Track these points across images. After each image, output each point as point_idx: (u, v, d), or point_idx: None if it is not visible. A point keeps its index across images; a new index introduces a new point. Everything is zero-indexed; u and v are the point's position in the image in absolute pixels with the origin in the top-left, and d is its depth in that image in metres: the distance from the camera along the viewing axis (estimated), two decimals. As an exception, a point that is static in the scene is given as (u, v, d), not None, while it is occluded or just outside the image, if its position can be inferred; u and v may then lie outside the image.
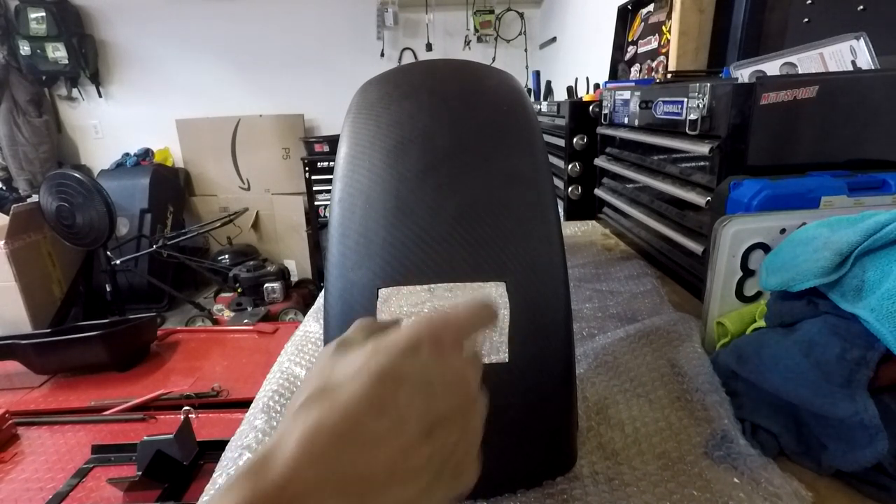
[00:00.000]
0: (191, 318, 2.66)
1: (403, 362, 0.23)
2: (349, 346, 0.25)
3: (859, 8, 1.05)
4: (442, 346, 0.24)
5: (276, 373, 0.62)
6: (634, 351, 0.59)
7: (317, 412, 0.21)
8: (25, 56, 3.29)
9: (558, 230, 0.40)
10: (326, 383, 0.23)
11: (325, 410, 0.21)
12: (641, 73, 1.73)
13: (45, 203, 2.54)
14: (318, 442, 0.21)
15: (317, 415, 0.21)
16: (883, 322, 0.35)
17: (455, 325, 0.26)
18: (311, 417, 0.21)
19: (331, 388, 0.22)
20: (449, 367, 0.24)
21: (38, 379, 1.62)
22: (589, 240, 1.06)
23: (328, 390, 0.22)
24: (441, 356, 0.24)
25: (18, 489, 1.11)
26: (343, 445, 0.21)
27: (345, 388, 0.22)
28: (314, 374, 0.24)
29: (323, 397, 0.22)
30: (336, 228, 0.40)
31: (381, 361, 0.23)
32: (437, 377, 0.23)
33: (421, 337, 0.24)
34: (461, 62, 0.49)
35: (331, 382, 0.23)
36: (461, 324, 0.26)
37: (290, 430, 0.21)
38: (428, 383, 0.23)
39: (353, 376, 0.22)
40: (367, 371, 0.22)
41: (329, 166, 3.11)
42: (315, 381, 0.23)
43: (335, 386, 0.22)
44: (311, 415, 0.21)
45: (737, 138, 0.60)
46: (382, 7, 3.43)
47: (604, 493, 0.39)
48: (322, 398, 0.22)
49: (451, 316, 0.26)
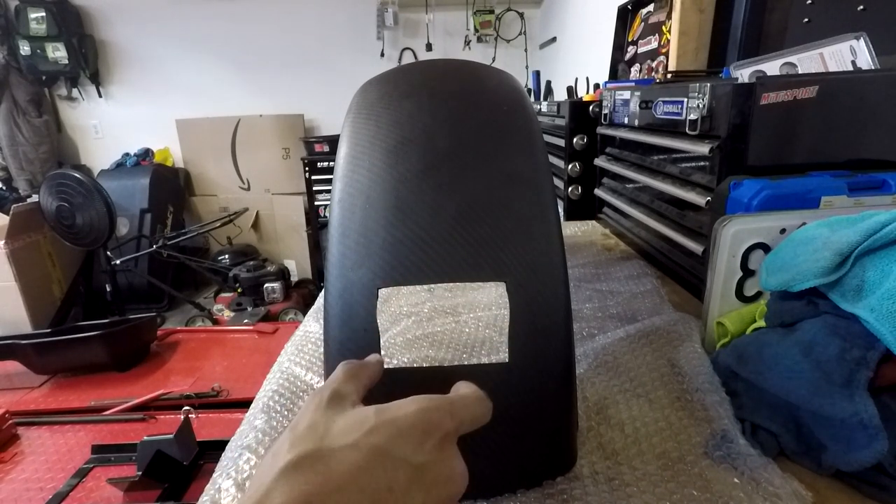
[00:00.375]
0: (191, 318, 2.66)
1: (406, 447, 0.22)
2: (342, 403, 0.24)
3: (859, 8, 1.05)
4: (447, 437, 0.23)
5: (276, 373, 0.62)
6: (634, 351, 0.59)
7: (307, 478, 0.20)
8: (25, 56, 3.30)
9: (558, 230, 0.40)
10: (320, 448, 0.21)
11: (318, 482, 0.20)
12: (641, 73, 1.73)
13: (45, 203, 2.54)
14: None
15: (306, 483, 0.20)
16: (883, 322, 0.35)
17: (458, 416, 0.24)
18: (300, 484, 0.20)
19: (325, 456, 0.21)
20: (446, 461, 0.23)
21: (38, 379, 1.62)
22: (589, 240, 1.06)
23: (322, 457, 0.21)
24: (441, 449, 0.23)
25: (18, 489, 1.11)
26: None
27: (341, 460, 0.21)
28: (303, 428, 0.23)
29: (316, 464, 0.21)
30: (336, 228, 0.40)
31: (383, 440, 0.22)
32: (436, 469, 0.22)
33: (426, 422, 0.23)
34: (461, 62, 0.49)
35: (325, 447, 0.22)
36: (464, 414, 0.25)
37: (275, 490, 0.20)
38: (425, 475, 0.22)
39: (351, 447, 0.21)
40: (367, 446, 0.21)
41: (329, 166, 3.11)
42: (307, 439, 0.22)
43: (330, 453, 0.21)
44: (299, 481, 0.20)
45: (737, 138, 0.60)
46: (382, 7, 3.43)
47: (604, 493, 0.39)
48: (315, 465, 0.21)
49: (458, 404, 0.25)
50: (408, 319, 0.72)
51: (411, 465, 0.22)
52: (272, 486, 0.20)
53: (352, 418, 0.23)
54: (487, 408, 0.27)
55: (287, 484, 0.20)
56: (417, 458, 0.22)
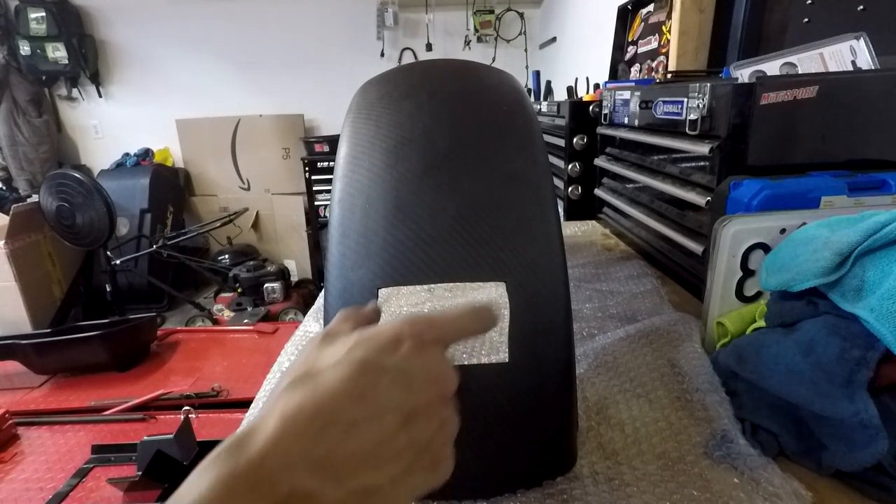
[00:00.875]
0: (191, 318, 2.66)
1: (384, 354, 0.24)
2: (334, 337, 0.26)
3: (859, 8, 1.05)
4: (423, 342, 0.25)
5: (276, 373, 0.62)
6: (634, 351, 0.59)
7: (299, 395, 0.22)
8: (25, 56, 3.29)
9: (558, 230, 0.40)
10: (310, 369, 0.24)
11: (308, 393, 0.22)
12: (641, 73, 1.73)
13: (45, 203, 2.54)
14: (298, 422, 0.21)
15: (299, 397, 0.22)
16: (883, 322, 0.35)
17: (439, 326, 0.27)
18: (293, 399, 0.22)
19: (313, 374, 0.23)
20: (428, 363, 0.25)
21: (38, 379, 1.62)
22: (589, 240, 1.06)
23: (311, 376, 0.23)
24: (421, 352, 0.25)
25: (18, 489, 1.11)
26: (322, 427, 0.22)
27: (327, 375, 0.23)
28: (299, 361, 0.26)
29: (306, 382, 0.23)
30: (336, 228, 0.40)
31: (363, 352, 0.24)
32: (417, 371, 0.24)
33: (403, 332, 0.25)
34: (461, 62, 0.49)
35: (314, 369, 0.24)
36: (446, 325, 0.27)
37: (272, 410, 0.22)
38: (407, 376, 0.24)
39: (336, 364, 0.24)
40: (348, 360, 0.24)
41: (329, 166, 3.11)
42: (300, 367, 0.25)
43: (318, 372, 0.24)
44: (293, 397, 0.22)
45: (737, 138, 0.60)
46: (382, 7, 3.43)
47: (604, 493, 0.39)
48: (305, 382, 0.23)
49: (437, 316, 0.27)
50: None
51: (393, 369, 0.24)
52: (271, 406, 0.22)
53: (338, 344, 0.25)
54: (482, 318, 0.28)
55: (282, 401, 0.22)
56: (397, 362, 0.24)
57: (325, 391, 0.22)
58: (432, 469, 0.25)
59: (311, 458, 0.21)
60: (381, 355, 0.24)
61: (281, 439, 0.21)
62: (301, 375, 0.24)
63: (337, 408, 0.22)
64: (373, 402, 0.23)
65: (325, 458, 0.21)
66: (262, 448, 0.21)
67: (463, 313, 0.28)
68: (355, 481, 0.22)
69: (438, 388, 0.25)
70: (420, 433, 0.24)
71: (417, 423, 0.24)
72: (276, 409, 0.22)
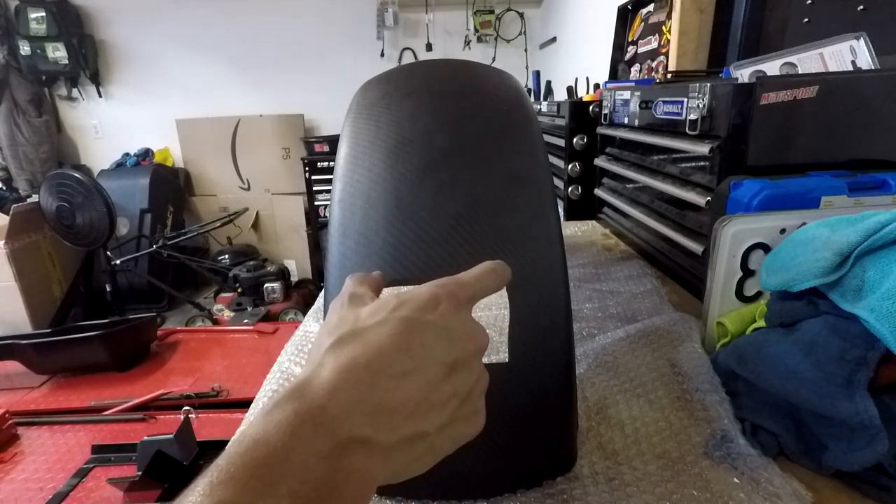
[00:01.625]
0: (191, 318, 2.66)
1: (426, 312, 0.26)
2: (362, 299, 0.28)
3: (859, 8, 1.05)
4: (458, 302, 0.27)
5: (276, 373, 0.62)
6: (634, 351, 0.59)
7: (349, 350, 0.24)
8: (25, 56, 3.29)
9: (558, 230, 0.40)
10: (355, 328, 0.25)
11: (358, 348, 0.24)
12: (641, 73, 1.73)
13: (45, 203, 2.54)
14: (353, 373, 0.23)
15: (350, 352, 0.24)
16: (883, 322, 0.35)
17: (468, 286, 0.28)
18: (345, 353, 0.24)
19: (360, 331, 0.25)
20: (464, 319, 0.27)
21: (38, 379, 1.62)
22: (589, 240, 1.06)
23: (357, 333, 0.25)
24: (457, 310, 0.27)
25: (18, 489, 1.11)
26: (375, 377, 0.23)
27: (375, 331, 0.25)
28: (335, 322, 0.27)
29: (354, 338, 0.24)
30: (336, 228, 0.40)
31: (407, 311, 0.26)
32: (456, 327, 0.26)
33: (439, 293, 0.27)
34: (461, 62, 0.49)
35: (359, 327, 0.25)
36: (473, 284, 0.29)
37: (324, 363, 0.23)
38: (448, 331, 0.26)
39: (382, 322, 0.25)
40: (395, 318, 0.25)
41: (329, 166, 3.11)
42: (342, 326, 0.26)
43: (365, 329, 0.25)
44: (344, 351, 0.24)
45: (737, 138, 0.60)
46: (382, 7, 3.43)
47: (604, 493, 0.39)
48: (353, 339, 0.24)
49: (465, 277, 0.29)
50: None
51: (435, 325, 0.25)
52: (321, 361, 0.24)
53: (375, 304, 0.27)
54: (500, 274, 0.30)
55: (333, 356, 0.24)
56: (438, 319, 0.26)
57: (376, 346, 0.24)
58: (471, 418, 0.27)
59: (366, 407, 0.22)
60: (422, 313, 0.26)
61: (339, 389, 0.22)
62: (347, 333, 0.25)
63: (387, 361, 0.23)
64: (419, 355, 0.24)
65: (378, 406, 0.23)
66: (322, 394, 0.22)
67: (483, 272, 0.30)
68: (406, 428, 0.23)
69: (474, 343, 0.27)
70: (461, 384, 0.26)
71: (458, 374, 0.25)
72: (328, 363, 0.23)
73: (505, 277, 0.30)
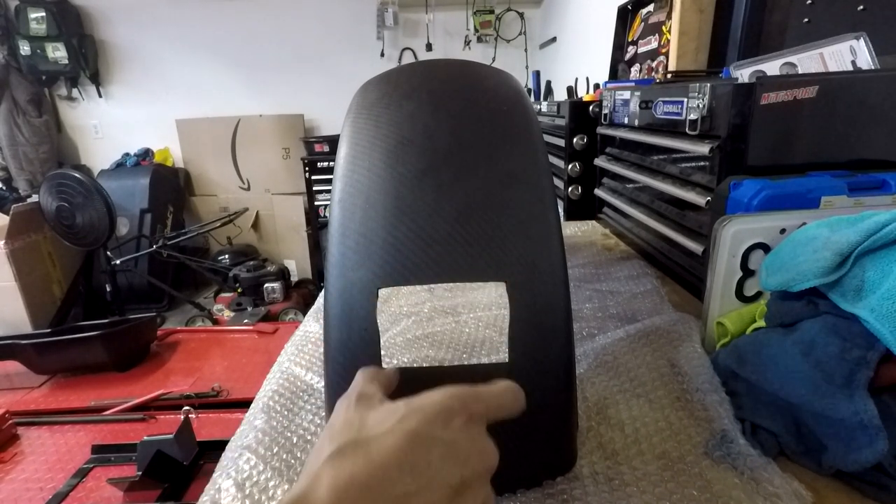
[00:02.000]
0: (191, 318, 2.66)
1: (436, 427, 0.24)
2: (370, 401, 0.26)
3: (859, 8, 1.05)
4: (471, 417, 0.25)
5: (276, 373, 0.62)
6: (634, 351, 0.59)
7: (349, 465, 0.22)
8: (25, 56, 3.30)
9: (558, 230, 0.40)
10: (359, 437, 0.24)
11: (360, 463, 0.22)
12: (641, 73, 1.73)
13: (45, 203, 2.54)
14: (351, 493, 0.21)
15: (349, 467, 0.22)
16: (883, 322, 0.35)
17: (485, 400, 0.27)
18: (345, 469, 0.22)
19: (364, 442, 0.23)
20: (475, 437, 0.25)
21: (38, 379, 1.62)
22: (589, 240, 1.06)
23: (361, 444, 0.23)
24: (469, 426, 0.25)
25: (18, 489, 1.11)
26: (375, 498, 0.21)
27: (378, 444, 0.23)
28: (340, 425, 0.25)
29: (357, 450, 0.23)
30: (336, 228, 0.40)
31: (415, 423, 0.24)
32: (467, 445, 0.24)
33: (454, 406, 0.25)
34: (461, 62, 0.49)
35: (363, 436, 0.24)
36: (490, 399, 0.27)
37: (322, 476, 0.22)
38: (458, 449, 0.24)
39: (387, 433, 0.23)
40: (401, 431, 0.23)
41: (329, 166, 3.11)
42: (345, 432, 0.24)
43: (368, 440, 0.23)
44: (344, 465, 0.22)
45: (737, 138, 0.60)
46: (382, 7, 3.43)
47: (604, 493, 0.39)
48: (356, 450, 0.23)
49: (483, 391, 0.27)
50: (408, 319, 0.72)
51: (444, 442, 0.24)
52: (319, 472, 0.22)
53: (383, 411, 0.25)
54: (517, 398, 0.28)
55: (332, 468, 0.22)
56: (448, 435, 0.24)
57: (378, 462, 0.22)
58: None
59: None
60: (432, 427, 0.24)
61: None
62: (350, 442, 0.23)
63: (390, 480, 0.22)
64: (425, 475, 0.22)
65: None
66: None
67: (503, 391, 0.28)
68: None
69: (483, 463, 0.25)
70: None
71: (464, 497, 0.24)
72: (327, 476, 0.22)
73: (521, 404, 0.28)
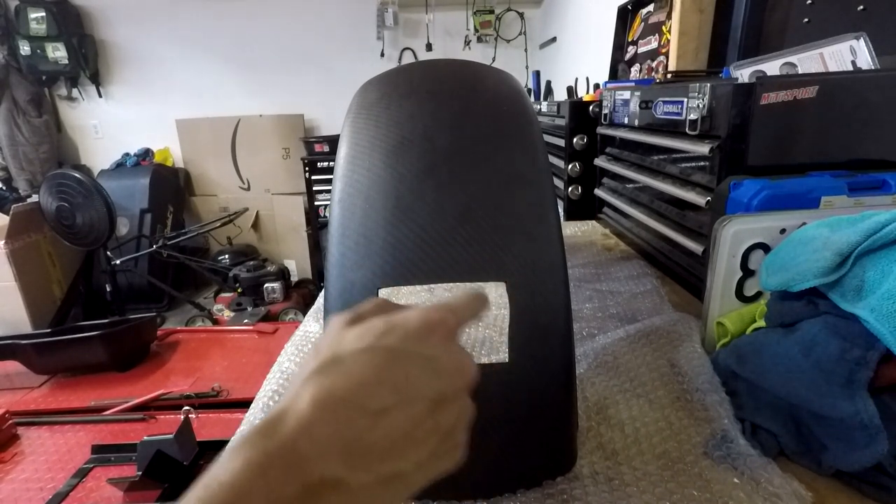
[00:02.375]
0: (191, 318, 2.66)
1: (414, 343, 0.24)
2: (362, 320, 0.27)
3: (859, 8, 1.05)
4: (449, 330, 0.26)
5: (276, 373, 0.62)
6: (634, 351, 0.59)
7: (329, 380, 0.22)
8: (25, 56, 3.29)
9: (558, 230, 0.40)
10: (336, 354, 0.24)
11: (339, 379, 0.22)
12: (641, 73, 1.73)
13: (45, 203, 2.54)
14: (330, 406, 0.21)
15: (329, 382, 0.22)
16: (883, 322, 0.35)
17: (458, 314, 0.27)
18: (324, 384, 0.22)
19: (342, 359, 0.23)
20: (453, 351, 0.26)
21: (38, 379, 1.62)
22: (589, 240, 1.06)
23: (339, 361, 0.23)
24: (447, 341, 0.26)
25: (18, 489, 1.11)
26: (353, 412, 0.22)
27: (357, 360, 0.23)
28: (324, 343, 0.25)
29: (335, 366, 0.23)
30: (336, 228, 0.40)
31: (394, 340, 0.24)
32: (444, 359, 0.25)
33: (433, 322, 0.26)
34: (461, 62, 0.49)
35: (341, 353, 0.24)
36: (463, 313, 0.28)
37: (301, 393, 0.22)
38: (436, 364, 0.24)
39: (366, 350, 0.24)
40: (380, 348, 0.24)
41: (329, 166, 3.11)
42: (326, 351, 0.24)
43: (347, 357, 0.23)
44: (323, 381, 0.22)
45: (737, 138, 0.60)
46: (382, 7, 3.43)
47: (604, 493, 0.39)
48: (334, 367, 0.23)
49: (455, 305, 0.28)
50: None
51: (423, 357, 0.24)
52: (300, 390, 0.22)
53: (363, 328, 0.25)
54: (482, 302, 0.29)
55: (312, 385, 0.22)
56: (427, 350, 0.24)
57: (357, 377, 0.22)
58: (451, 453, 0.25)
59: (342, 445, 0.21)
60: (411, 343, 0.24)
61: (313, 423, 0.21)
62: (329, 360, 0.23)
63: (368, 395, 0.22)
64: (404, 390, 0.23)
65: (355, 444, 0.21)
66: (295, 431, 0.21)
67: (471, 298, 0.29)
68: (382, 468, 0.22)
69: (462, 376, 0.26)
70: (445, 420, 0.24)
71: (443, 410, 0.24)
72: (306, 392, 0.22)
73: (486, 305, 0.29)
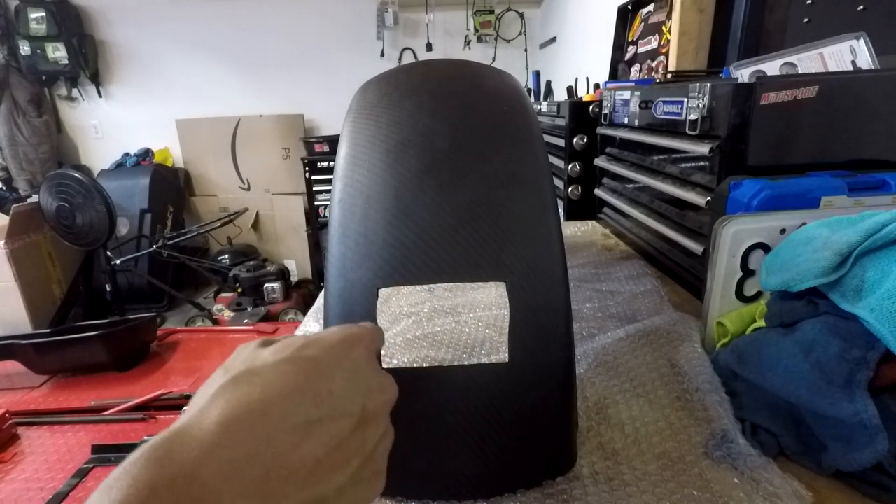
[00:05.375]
0: (191, 318, 2.66)
1: (338, 354, 0.23)
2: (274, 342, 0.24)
3: (859, 8, 1.05)
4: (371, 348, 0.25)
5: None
6: (634, 351, 0.59)
7: (245, 393, 0.19)
8: (25, 56, 3.30)
9: (558, 230, 0.40)
10: (252, 367, 0.21)
11: (256, 392, 0.19)
12: (641, 73, 1.73)
13: (45, 203, 2.54)
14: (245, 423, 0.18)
15: (244, 394, 0.19)
16: (883, 322, 0.35)
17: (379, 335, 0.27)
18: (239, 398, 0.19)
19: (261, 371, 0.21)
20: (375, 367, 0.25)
21: (38, 379, 1.62)
22: (589, 240, 1.06)
23: (258, 373, 0.20)
24: (369, 356, 0.25)
25: (18, 489, 1.11)
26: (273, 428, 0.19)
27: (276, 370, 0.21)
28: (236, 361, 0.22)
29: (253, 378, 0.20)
30: (336, 228, 0.40)
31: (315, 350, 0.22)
32: (367, 374, 0.24)
33: (355, 336, 0.25)
34: (461, 62, 0.49)
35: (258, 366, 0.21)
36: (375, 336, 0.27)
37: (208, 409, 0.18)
38: (361, 378, 0.23)
39: (286, 361, 0.21)
40: (302, 358, 0.22)
41: (329, 166, 3.11)
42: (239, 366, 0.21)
43: (263, 369, 0.21)
44: (237, 395, 0.19)
45: (737, 138, 0.60)
46: (382, 7, 3.43)
47: (604, 493, 0.39)
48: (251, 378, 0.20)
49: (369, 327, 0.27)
50: (408, 319, 0.72)
51: (346, 371, 0.22)
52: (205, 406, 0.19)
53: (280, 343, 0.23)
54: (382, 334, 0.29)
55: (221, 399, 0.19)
56: (350, 364, 0.23)
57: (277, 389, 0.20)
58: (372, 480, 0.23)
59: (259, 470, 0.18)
60: (334, 357, 0.23)
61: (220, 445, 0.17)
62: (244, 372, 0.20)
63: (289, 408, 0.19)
64: (328, 403, 0.21)
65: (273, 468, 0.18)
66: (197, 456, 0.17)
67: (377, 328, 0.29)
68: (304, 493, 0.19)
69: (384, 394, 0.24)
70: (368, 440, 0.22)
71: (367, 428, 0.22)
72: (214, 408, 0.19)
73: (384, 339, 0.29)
